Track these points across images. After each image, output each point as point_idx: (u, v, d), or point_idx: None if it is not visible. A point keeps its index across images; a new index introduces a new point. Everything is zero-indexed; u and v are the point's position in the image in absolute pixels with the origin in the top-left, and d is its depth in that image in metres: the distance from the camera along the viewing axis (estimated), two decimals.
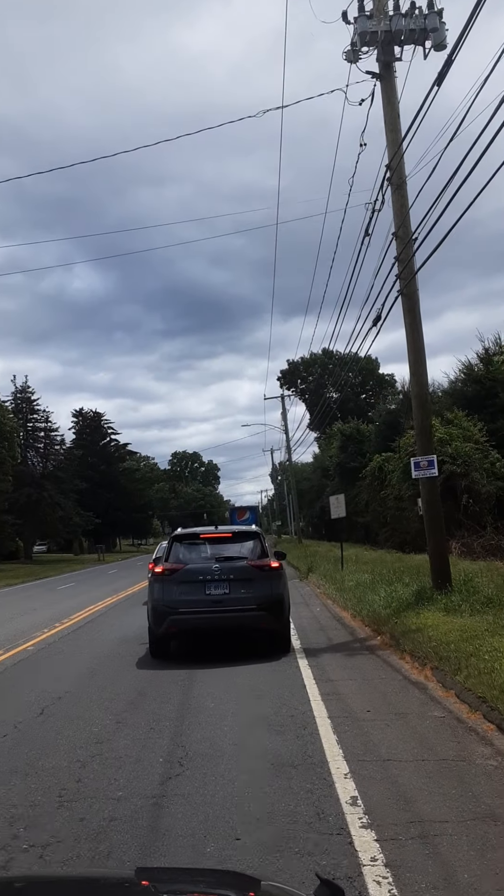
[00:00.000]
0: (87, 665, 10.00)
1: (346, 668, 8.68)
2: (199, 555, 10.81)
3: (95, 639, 12.70)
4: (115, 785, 5.16)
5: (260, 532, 12.03)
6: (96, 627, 14.22)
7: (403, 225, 12.99)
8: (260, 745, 5.80)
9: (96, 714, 7.32)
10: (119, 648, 11.44)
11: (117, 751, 5.94)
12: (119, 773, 5.39)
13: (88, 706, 7.70)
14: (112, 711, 7.41)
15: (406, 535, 35.15)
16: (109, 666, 9.94)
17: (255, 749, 5.72)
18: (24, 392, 66.14)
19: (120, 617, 16.04)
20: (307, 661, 9.26)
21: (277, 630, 10.29)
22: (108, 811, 4.66)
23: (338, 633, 11.60)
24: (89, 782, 5.26)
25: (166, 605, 10.17)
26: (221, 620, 10.05)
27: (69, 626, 14.49)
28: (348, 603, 13.97)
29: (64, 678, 9.35)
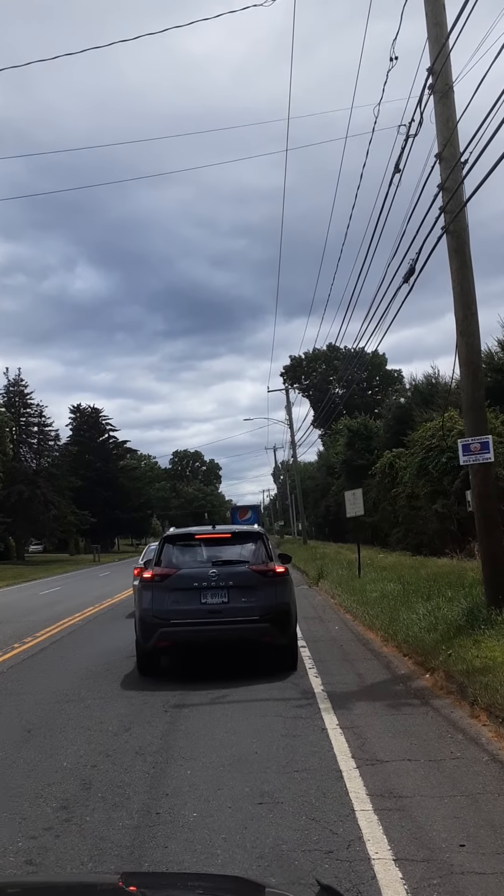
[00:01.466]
0: (26, 718, 7.26)
1: (395, 733, 5.96)
2: (194, 558, 9.38)
3: (55, 669, 9.98)
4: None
5: (263, 532, 9.73)
6: (61, 651, 11.51)
7: (450, 143, 10.29)
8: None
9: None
10: (80, 687, 8.72)
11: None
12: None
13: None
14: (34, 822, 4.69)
15: (422, 537, 32.47)
16: (58, 718, 7.22)
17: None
18: (17, 385, 63.54)
19: (92, 638, 13.30)
20: (335, 715, 6.54)
21: (283, 644, 8.85)
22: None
23: (369, 665, 8.88)
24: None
25: (156, 615, 8.72)
26: (219, 633, 8.68)
27: (29, 649, 11.76)
28: (376, 621, 11.26)
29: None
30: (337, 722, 6.29)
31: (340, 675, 8.33)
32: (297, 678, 8.33)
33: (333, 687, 7.73)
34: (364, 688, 7.68)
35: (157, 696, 7.80)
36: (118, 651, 10.79)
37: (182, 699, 7.57)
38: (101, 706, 7.36)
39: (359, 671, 8.58)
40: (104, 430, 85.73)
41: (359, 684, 7.86)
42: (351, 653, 9.83)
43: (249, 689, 7.83)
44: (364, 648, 10.09)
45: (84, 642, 12.08)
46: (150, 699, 7.58)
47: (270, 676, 8.53)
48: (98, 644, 11.79)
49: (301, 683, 8.03)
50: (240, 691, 7.77)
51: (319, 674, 8.47)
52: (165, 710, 7.08)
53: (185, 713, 6.95)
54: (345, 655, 9.66)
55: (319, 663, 9.16)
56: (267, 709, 6.94)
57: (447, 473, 29.68)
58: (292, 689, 7.79)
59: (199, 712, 6.97)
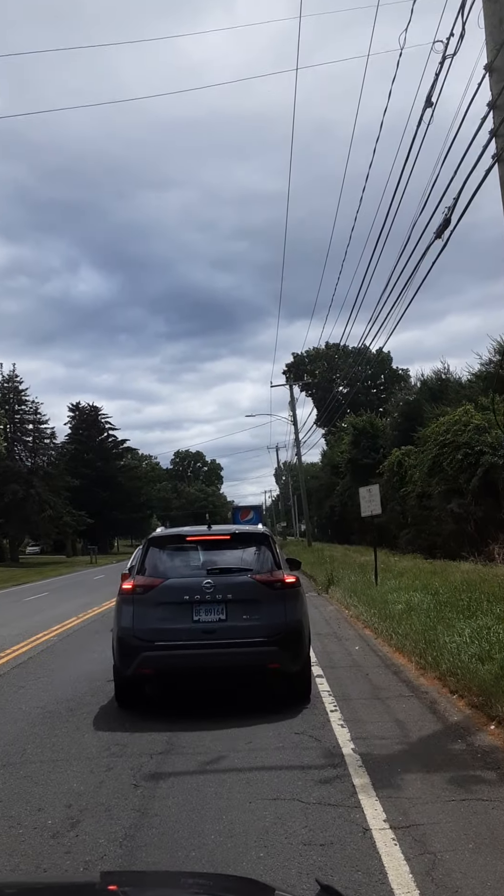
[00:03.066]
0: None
1: (477, 840, 3.91)
2: (185, 565, 7.52)
3: (2, 710, 7.94)
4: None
5: (269, 534, 7.85)
6: (20, 680, 9.47)
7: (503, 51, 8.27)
8: None
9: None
10: (28, 741, 6.69)
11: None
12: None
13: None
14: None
15: (435, 539, 30.43)
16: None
17: None
18: (12, 382, 61.57)
19: (65, 660, 11.26)
20: (379, 801, 4.51)
21: (294, 672, 7.11)
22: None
23: (409, 707, 6.83)
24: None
25: (138, 636, 6.96)
26: (215, 659, 6.92)
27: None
28: (406, 641, 9.23)
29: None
30: (385, 817, 4.26)
31: (374, 724, 6.29)
32: (316, 726, 6.30)
33: (368, 744, 5.69)
34: (410, 746, 5.64)
35: (129, 754, 5.77)
36: (92, 678, 8.80)
37: (161, 763, 5.54)
38: (47, 777, 5.32)
39: (396, 716, 6.54)
40: (103, 429, 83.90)
41: (401, 739, 5.82)
42: (381, 686, 7.80)
43: (253, 747, 5.81)
44: (396, 679, 8.05)
45: (53, 666, 10.06)
46: (118, 763, 5.55)
47: (279, 718, 6.55)
48: (70, 668, 9.78)
49: (323, 736, 6.01)
50: (240, 750, 5.75)
51: (345, 720, 6.44)
52: (135, 785, 5.05)
53: (161, 791, 4.92)
54: (374, 690, 7.62)
55: (343, 702, 7.14)
56: (279, 785, 4.91)
57: (463, 471, 27.65)
58: (312, 746, 5.76)
59: (183, 789, 4.94)
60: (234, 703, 7.31)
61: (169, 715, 6.95)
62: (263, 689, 7.64)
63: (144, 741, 6.07)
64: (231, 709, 7.08)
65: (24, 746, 6.14)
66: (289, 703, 7.13)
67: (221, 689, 7.74)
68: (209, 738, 6.08)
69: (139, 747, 5.93)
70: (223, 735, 6.16)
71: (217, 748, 5.81)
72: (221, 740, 6.01)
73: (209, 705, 7.29)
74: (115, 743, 6.07)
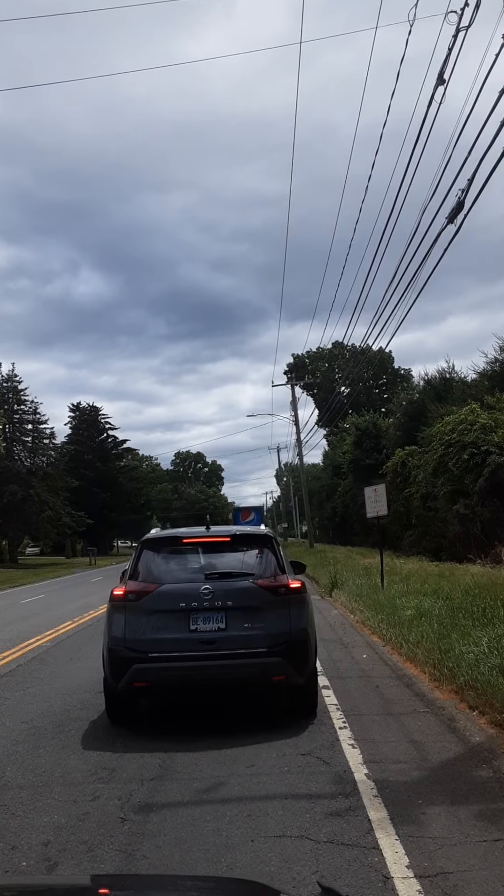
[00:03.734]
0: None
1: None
2: (182, 569, 6.93)
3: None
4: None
5: (272, 535, 7.24)
6: (6, 692, 8.91)
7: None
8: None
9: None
10: (8, 761, 6.13)
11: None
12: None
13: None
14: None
15: (441, 541, 29.85)
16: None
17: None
18: (11, 382, 61.01)
19: (56, 669, 10.71)
20: (400, 842, 3.95)
21: (299, 685, 6.53)
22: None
23: (425, 724, 6.26)
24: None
25: (129, 646, 6.39)
26: (214, 671, 6.35)
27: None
28: (418, 651, 8.67)
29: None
30: (408, 862, 3.69)
31: (387, 744, 5.72)
32: (324, 746, 5.74)
33: (383, 769, 5.12)
34: (430, 772, 5.07)
35: (118, 780, 5.21)
36: (84, 688, 8.25)
37: (153, 791, 4.97)
38: (26, 806, 4.77)
39: (412, 735, 5.97)
40: (103, 430, 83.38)
41: (420, 764, 5.25)
42: (393, 699, 7.23)
43: (255, 771, 5.25)
44: (409, 692, 7.48)
45: (43, 675, 9.50)
46: (105, 791, 4.99)
47: (284, 736, 6.00)
48: (60, 678, 9.22)
49: (332, 758, 5.44)
50: (241, 775, 5.19)
51: (356, 739, 5.87)
52: (122, 819, 4.48)
53: (152, 827, 4.35)
54: (385, 704, 7.05)
55: (353, 717, 6.57)
56: (285, 819, 4.35)
57: (469, 471, 27.10)
58: (320, 770, 5.20)
59: (176, 824, 4.38)
60: (233, 719, 6.76)
61: (163, 732, 6.40)
62: (266, 703, 7.09)
63: (135, 764, 5.52)
64: (231, 725, 6.53)
65: (3, 769, 5.58)
66: (293, 719, 6.58)
67: (220, 702, 7.19)
68: (206, 761, 5.52)
69: (129, 771, 5.37)
70: (222, 756, 5.60)
71: (215, 773, 5.25)
72: (220, 763, 5.45)
73: (207, 721, 6.73)
74: (104, 766, 5.51)
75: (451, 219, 10.19)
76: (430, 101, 10.64)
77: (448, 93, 10.54)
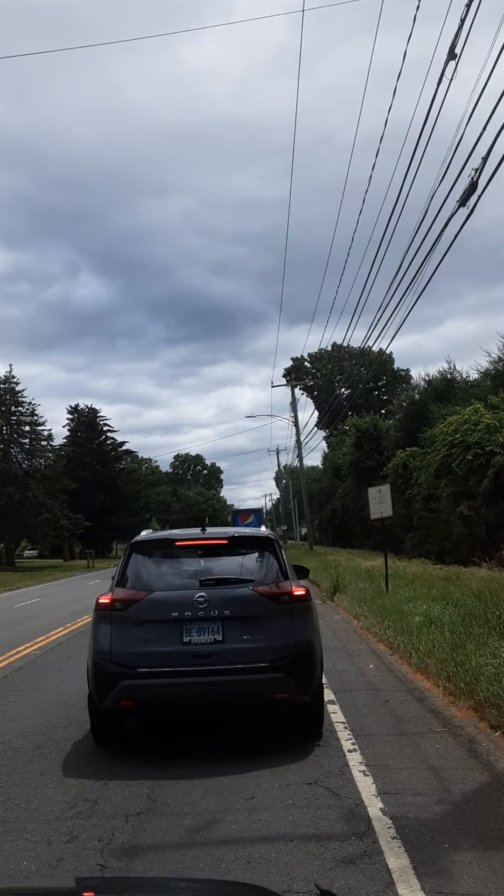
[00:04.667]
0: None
1: None
2: (175, 575, 6.31)
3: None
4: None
5: (274, 537, 6.61)
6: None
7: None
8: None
9: None
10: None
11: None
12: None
13: None
14: None
15: (444, 543, 29.22)
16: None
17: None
18: (8, 383, 60.35)
19: (43, 679, 10.10)
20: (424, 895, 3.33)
21: (303, 703, 5.91)
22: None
23: (443, 747, 5.66)
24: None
25: (116, 660, 5.78)
26: (209, 688, 5.74)
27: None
28: (429, 662, 8.07)
29: None
30: None
31: (403, 771, 5.11)
32: (333, 774, 5.14)
33: (400, 802, 4.52)
34: (454, 807, 4.46)
35: (100, 814, 4.61)
36: (71, 703, 7.64)
37: (138, 829, 4.36)
38: None
39: (430, 760, 5.36)
40: (102, 432, 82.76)
41: (441, 796, 4.64)
42: (405, 716, 6.63)
43: (255, 805, 4.64)
44: (422, 709, 6.88)
45: (28, 687, 8.89)
46: (84, 829, 4.38)
47: (287, 760, 5.42)
48: (46, 690, 8.62)
49: (342, 788, 4.84)
50: (238, 810, 4.58)
51: (367, 765, 5.27)
52: (102, 866, 3.87)
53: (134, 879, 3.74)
54: (397, 722, 6.45)
55: (362, 738, 5.97)
56: (290, 867, 3.75)
57: (473, 472, 26.47)
58: (329, 804, 4.60)
59: (162, 872, 3.76)
60: (231, 740, 6.17)
61: (153, 755, 5.80)
62: (266, 722, 6.49)
63: (120, 795, 4.91)
64: (228, 747, 5.94)
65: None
66: (297, 740, 5.99)
67: (216, 719, 6.58)
68: (200, 791, 4.92)
69: (113, 804, 4.76)
70: (218, 786, 5.00)
71: (210, 806, 4.65)
72: (215, 794, 4.85)
73: (201, 741, 6.14)
74: (85, 797, 4.90)
75: (464, 201, 9.61)
76: (440, 78, 10.07)
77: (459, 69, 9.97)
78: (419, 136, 11.95)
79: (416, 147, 12.13)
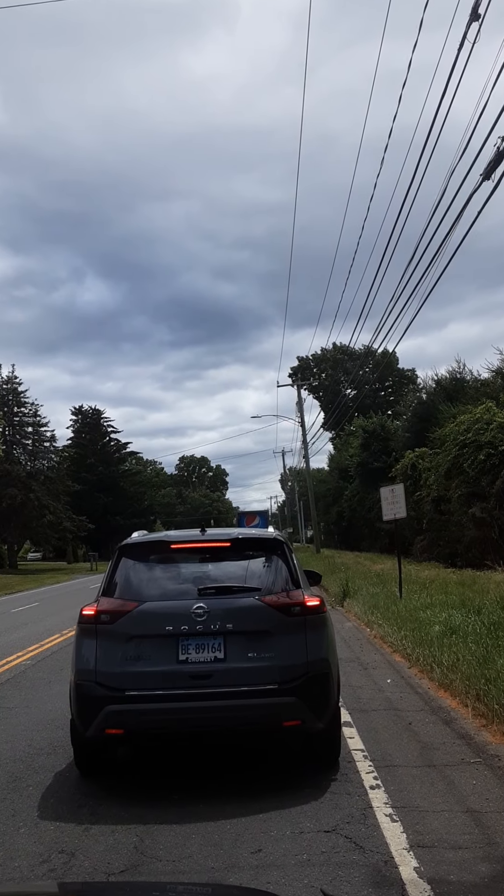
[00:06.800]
0: None
1: None
2: (170, 582, 5.51)
3: None
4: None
5: (283, 539, 5.82)
6: None
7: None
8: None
9: None
10: None
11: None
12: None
13: None
14: None
15: (455, 546, 28.39)
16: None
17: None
18: (11, 383, 59.72)
19: (31, 694, 9.35)
20: None
21: (318, 731, 5.12)
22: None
23: (480, 782, 4.88)
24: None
25: (101, 681, 5.00)
26: (209, 714, 4.93)
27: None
28: (454, 678, 7.28)
29: None
30: None
31: (437, 815, 4.33)
32: (354, 818, 4.36)
33: (438, 860, 3.74)
34: (503, 866, 3.67)
35: (76, 872, 3.84)
36: (57, 723, 6.89)
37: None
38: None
39: (467, 800, 4.58)
40: (106, 433, 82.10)
41: (487, 850, 3.86)
42: (432, 743, 5.84)
43: (263, 861, 3.87)
44: (450, 733, 6.09)
45: (14, 704, 8.13)
46: None
47: (298, 800, 4.66)
48: (33, 708, 7.86)
49: (366, 839, 4.06)
50: (243, 867, 3.81)
51: (395, 807, 4.48)
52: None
53: None
54: (424, 751, 5.66)
55: (385, 770, 5.19)
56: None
57: (486, 473, 25.66)
58: (352, 860, 3.82)
59: None
60: (233, 773, 5.39)
61: (144, 792, 5.03)
62: (274, 751, 5.73)
63: (103, 845, 4.15)
64: (229, 782, 5.16)
65: None
66: (310, 772, 5.21)
67: (217, 746, 5.81)
68: (197, 840, 4.15)
69: (94, 857, 4.00)
70: (218, 833, 4.23)
71: (208, 861, 3.88)
72: (215, 844, 4.08)
73: (200, 775, 5.37)
74: (61, 848, 4.13)
75: (488, 174, 8.84)
76: (462, 42, 9.31)
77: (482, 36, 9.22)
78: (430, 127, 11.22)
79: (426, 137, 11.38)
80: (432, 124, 11.27)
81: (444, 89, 10.33)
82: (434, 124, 11.20)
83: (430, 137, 11.20)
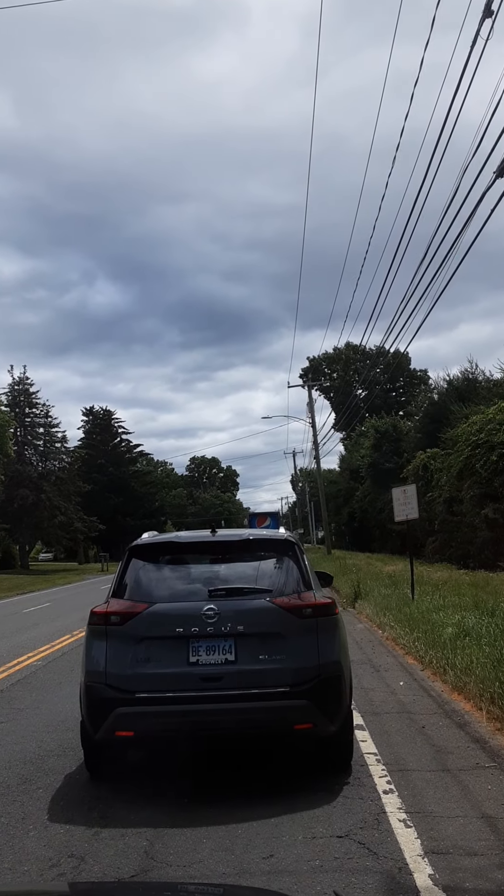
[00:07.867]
0: None
1: None
2: (180, 584, 5.49)
3: None
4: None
5: (295, 540, 5.75)
6: None
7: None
8: None
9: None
10: None
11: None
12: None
13: None
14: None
15: (468, 547, 28.22)
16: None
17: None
18: (23, 384, 59.95)
19: (42, 696, 9.33)
20: None
21: (330, 735, 5.05)
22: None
23: (497, 790, 4.81)
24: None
25: (112, 683, 4.95)
26: (220, 717, 4.89)
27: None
28: (468, 681, 7.20)
29: None
30: None
31: (452, 821, 4.26)
32: (367, 823, 4.30)
33: (454, 866, 3.66)
34: None
35: (85, 876, 3.79)
36: (68, 725, 6.84)
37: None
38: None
39: (482, 805, 4.50)
40: (116, 434, 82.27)
41: (502, 857, 3.78)
42: (446, 746, 5.76)
43: (274, 866, 3.81)
44: (464, 737, 6.01)
45: (24, 705, 8.12)
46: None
47: (310, 804, 4.60)
48: (43, 709, 7.84)
49: (379, 845, 4.00)
50: (254, 873, 3.75)
51: (409, 812, 4.42)
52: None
53: None
54: (438, 755, 5.58)
55: (399, 775, 5.12)
56: None
57: (498, 473, 25.48)
58: (365, 867, 3.75)
59: None
60: (244, 776, 5.33)
61: (155, 794, 4.98)
62: (285, 754, 5.66)
63: (113, 848, 4.10)
64: (240, 785, 5.11)
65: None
66: (322, 776, 5.15)
67: (227, 749, 5.75)
68: (209, 844, 4.09)
69: (104, 861, 3.95)
70: (229, 837, 4.17)
71: (220, 867, 3.82)
72: (227, 849, 4.02)
73: (211, 779, 5.31)
74: (71, 852, 4.09)
75: (502, 171, 8.75)
76: (475, 39, 9.22)
77: None
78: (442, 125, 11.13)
79: (438, 136, 11.29)
80: (444, 122, 11.22)
81: (457, 87, 10.28)
82: (446, 122, 11.15)
83: (442, 136, 11.10)
